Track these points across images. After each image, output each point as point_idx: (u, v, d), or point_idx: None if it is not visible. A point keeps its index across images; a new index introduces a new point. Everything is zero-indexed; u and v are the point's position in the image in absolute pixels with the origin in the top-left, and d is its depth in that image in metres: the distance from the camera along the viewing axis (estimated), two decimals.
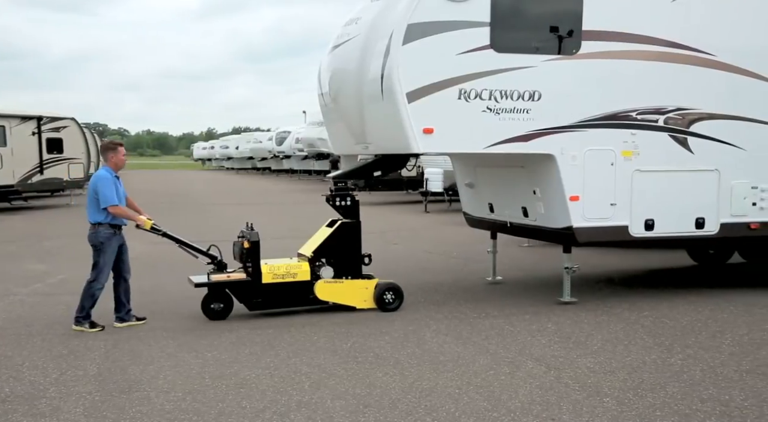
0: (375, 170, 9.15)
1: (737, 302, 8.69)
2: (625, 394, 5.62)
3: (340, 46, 8.67)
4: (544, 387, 5.83)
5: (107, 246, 7.91)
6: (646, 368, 6.28)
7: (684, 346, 6.93)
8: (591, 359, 6.55)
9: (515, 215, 9.04)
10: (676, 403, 5.41)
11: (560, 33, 8.14)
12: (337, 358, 6.71)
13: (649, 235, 8.48)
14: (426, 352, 6.86)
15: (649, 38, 8.28)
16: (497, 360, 6.58)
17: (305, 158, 42.66)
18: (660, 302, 8.73)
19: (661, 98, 8.38)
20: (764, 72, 8.67)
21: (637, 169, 8.35)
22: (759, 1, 8.65)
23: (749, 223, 8.78)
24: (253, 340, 7.37)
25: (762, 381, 5.90)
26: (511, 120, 7.96)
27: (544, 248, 13.21)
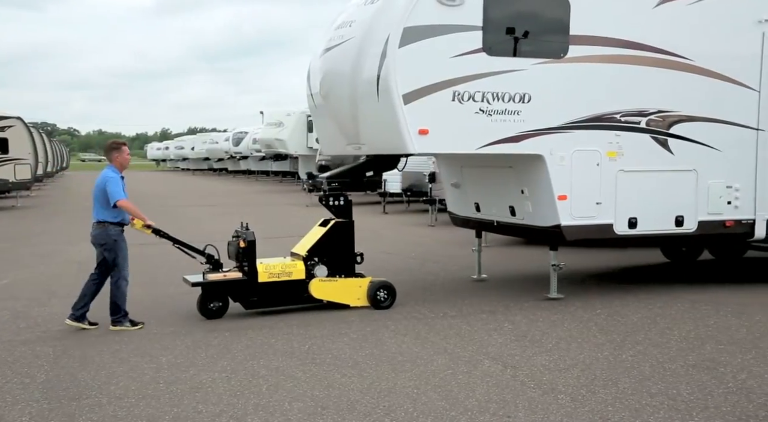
0: (367, 171, 9.32)
1: (684, 300, 8.96)
2: (579, 391, 5.76)
3: (333, 48, 8.82)
4: (501, 385, 5.93)
5: (120, 242, 8.09)
6: (599, 364, 6.44)
7: (634, 343, 7.12)
8: (546, 357, 6.69)
9: (502, 214, 9.30)
10: (627, 398, 5.58)
11: (549, 37, 8.45)
12: (295, 360, 6.71)
13: (633, 233, 8.82)
14: (384, 353, 6.91)
15: (632, 43, 8.62)
16: (455, 359, 6.67)
17: (263, 159, 42.56)
18: (612, 301, 8.97)
19: (643, 101, 8.74)
20: (738, 76, 9.08)
21: (621, 169, 8.68)
22: (734, 9, 9.03)
23: (725, 221, 9.19)
24: (210, 343, 7.33)
25: (707, 374, 6.12)
26: (502, 122, 8.21)
27: (500, 248, 13.49)
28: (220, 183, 45.66)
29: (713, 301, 8.83)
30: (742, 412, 5.22)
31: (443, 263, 11.80)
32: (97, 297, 8.13)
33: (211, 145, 54.17)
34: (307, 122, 34.91)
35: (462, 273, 10.90)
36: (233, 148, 46.59)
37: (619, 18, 8.63)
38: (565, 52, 8.42)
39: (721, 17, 8.98)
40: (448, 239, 15.12)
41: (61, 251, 14.08)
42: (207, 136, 60.68)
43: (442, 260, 12.26)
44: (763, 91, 9.15)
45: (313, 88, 9.50)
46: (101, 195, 8.00)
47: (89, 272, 8.18)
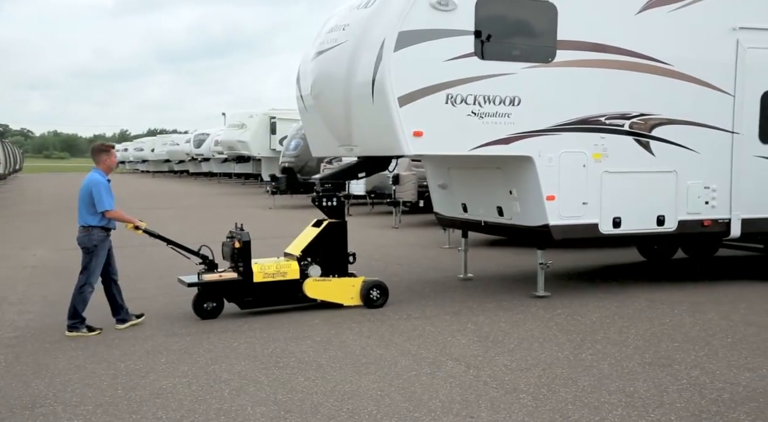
0: (360, 172, 9.47)
1: (641, 299, 9.22)
2: (540, 390, 5.87)
3: (325, 51, 8.96)
4: (464, 385, 6.00)
5: (100, 249, 7.98)
6: (559, 364, 6.56)
7: (593, 342, 7.28)
8: (508, 357, 6.78)
9: (490, 214, 9.54)
10: (586, 396, 5.69)
11: (537, 42, 8.71)
12: (258, 364, 6.68)
13: (617, 232, 9.13)
14: (348, 355, 6.92)
15: (616, 48, 8.93)
16: (418, 360, 6.72)
17: (225, 161, 42.37)
18: (572, 300, 9.16)
19: (626, 104, 9.05)
20: (714, 81, 9.45)
21: (605, 170, 8.98)
22: (710, 17, 9.39)
23: (703, 220, 9.55)
24: (170, 348, 7.24)
25: (662, 371, 6.29)
26: (493, 124, 8.45)
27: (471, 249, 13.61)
28: (181, 186, 45.24)
29: (668, 300, 9.08)
30: (696, 407, 5.41)
31: (407, 265, 11.88)
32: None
33: (172, 147, 53.70)
34: (270, 123, 34.94)
35: (426, 275, 11.02)
36: (194, 150, 46.29)
37: (604, 24, 8.93)
38: (552, 57, 8.69)
39: (699, 25, 9.34)
40: (412, 242, 15.28)
41: (13, 256, 13.71)
42: (167, 137, 60.13)
43: (405, 262, 12.35)
44: (738, 95, 9.54)
45: (303, 91, 9.64)
46: (87, 198, 7.91)
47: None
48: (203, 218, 21.57)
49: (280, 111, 35.89)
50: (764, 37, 9.59)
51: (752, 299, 9.12)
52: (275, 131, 34.44)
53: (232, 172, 44.55)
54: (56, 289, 10.05)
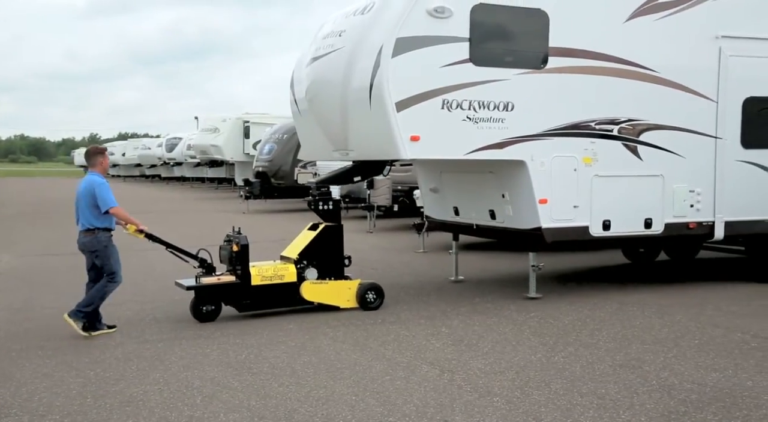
0: (355, 176, 9.61)
1: (612, 301, 9.33)
2: (514, 393, 5.92)
3: (322, 57, 9.09)
4: (438, 389, 6.02)
5: (111, 249, 8.11)
6: (532, 367, 6.62)
7: (566, 344, 7.36)
8: (482, 360, 6.83)
9: (482, 217, 9.72)
10: (559, 399, 5.76)
11: (530, 49, 8.92)
12: (231, 370, 6.63)
13: (607, 234, 9.35)
14: (323, 360, 6.91)
15: (605, 55, 9.16)
16: (393, 365, 6.73)
17: (198, 166, 42.16)
18: (545, 303, 9.27)
19: (615, 110, 9.28)
20: (698, 88, 9.72)
21: (595, 174, 9.20)
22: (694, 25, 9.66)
23: (688, 223, 9.80)
24: (141, 355, 7.18)
25: (633, 373, 6.39)
26: (488, 129, 8.62)
27: (437, 254, 13.77)
28: (152, 190, 44.90)
29: (639, 302, 9.24)
30: (665, 408, 5.51)
31: (381, 269, 11.92)
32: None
33: (144, 151, 53.32)
34: (244, 127, 34.88)
35: (401, 279, 11.07)
36: (167, 154, 46.01)
37: (593, 31, 9.16)
38: (545, 63, 8.90)
39: (683, 33, 9.60)
40: (387, 246, 15.31)
41: None
42: (139, 142, 59.50)
43: (380, 266, 12.38)
44: (721, 101, 9.82)
45: (297, 95, 9.76)
46: (90, 201, 7.97)
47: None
48: (176, 223, 21.32)
49: (254, 115, 35.88)
50: (745, 45, 9.89)
51: (719, 301, 9.31)
52: (249, 136, 34.39)
53: (204, 176, 44.32)
54: (23, 296, 9.98)
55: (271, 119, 33.57)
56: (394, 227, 19.05)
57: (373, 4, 8.69)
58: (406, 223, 16.13)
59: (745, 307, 8.95)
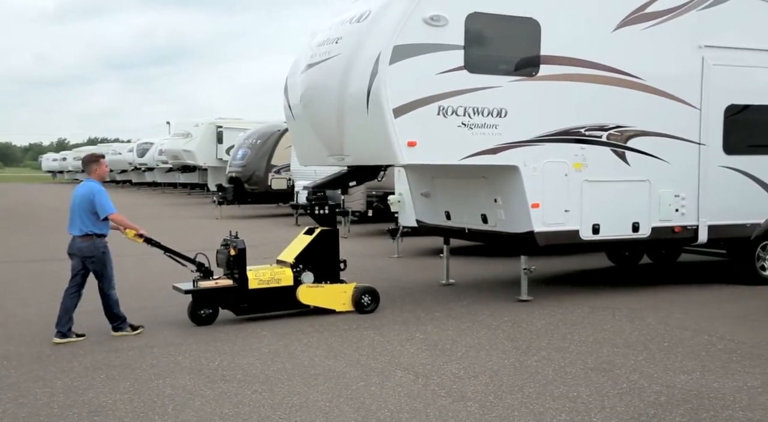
0: (351, 181, 9.72)
1: (584, 306, 9.46)
2: (487, 397, 5.95)
3: (317, 64, 9.20)
4: (412, 395, 6.04)
5: (107, 254, 8.19)
6: (506, 371, 6.67)
7: (538, 348, 7.43)
8: (456, 365, 6.86)
9: (474, 221, 9.89)
10: (531, 403, 5.81)
11: (522, 57, 9.13)
12: (204, 378, 6.56)
13: (596, 238, 9.58)
14: (296, 366, 6.87)
15: (594, 63, 9.40)
16: (367, 371, 6.72)
17: (169, 171, 41.94)
18: (519, 308, 9.36)
19: (604, 117, 9.52)
20: (682, 95, 10.00)
21: (585, 179, 9.43)
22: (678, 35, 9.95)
23: (674, 227, 10.07)
24: (111, 363, 7.07)
25: (604, 376, 6.47)
26: (482, 135, 8.81)
27: (412, 259, 13.93)
28: (124, 196, 44.32)
29: (610, 306, 9.39)
30: (635, 410, 5.60)
31: (356, 274, 11.59)
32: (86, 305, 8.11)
33: (114, 156, 52.59)
34: (217, 132, 34.79)
35: (375, 285, 10.60)
36: (138, 159, 45.67)
37: (583, 40, 9.39)
38: (536, 71, 9.11)
39: (668, 42, 9.88)
40: (361, 251, 15.31)
41: None
42: (109, 147, 58.96)
43: (354, 271, 11.98)
44: (704, 109, 10.12)
45: (291, 101, 9.87)
46: (88, 207, 8.05)
47: None
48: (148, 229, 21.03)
49: (227, 120, 35.81)
50: (727, 54, 10.21)
51: (687, 304, 9.49)
52: (222, 141, 34.31)
53: (177, 182, 44.10)
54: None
55: (244, 124, 33.57)
56: (369, 232, 19.04)
57: (369, 12, 8.83)
58: (381, 228, 16.21)
59: (711, 310, 9.14)
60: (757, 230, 10.62)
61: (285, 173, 25.92)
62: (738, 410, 5.57)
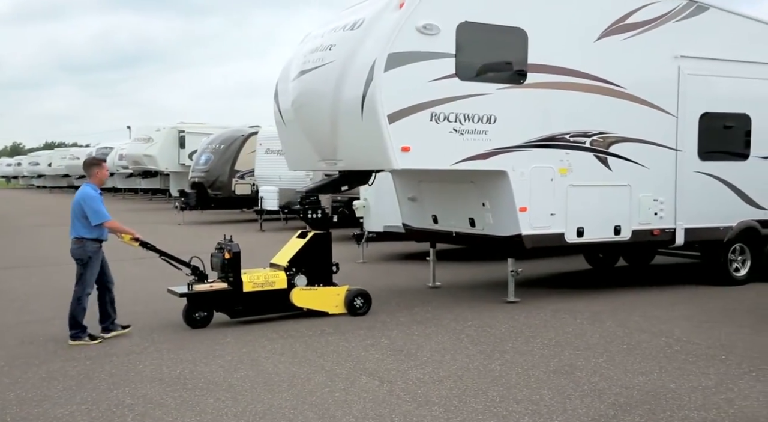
0: (343, 185, 9.88)
1: (546, 309, 9.59)
2: (451, 401, 5.98)
3: (310, 70, 9.35)
4: (377, 400, 6.03)
5: (94, 260, 8.25)
6: (470, 375, 6.71)
7: (502, 352, 7.51)
8: (421, 370, 6.89)
9: (461, 225, 10.12)
10: (495, 406, 5.86)
11: (510, 65, 9.40)
12: (165, 387, 6.46)
13: (580, 241, 9.89)
14: (260, 374, 6.81)
15: (578, 72, 9.72)
16: (332, 376, 6.70)
17: (130, 176, 41.48)
18: (482, 312, 9.43)
19: (587, 123, 9.84)
20: (660, 103, 10.39)
21: (570, 184, 9.73)
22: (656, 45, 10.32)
23: (653, 230, 10.44)
24: (67, 373, 6.90)
25: (565, 379, 6.57)
26: (472, 140, 9.05)
27: (379, 264, 14.05)
28: None
29: (571, 310, 9.55)
30: (596, 412, 5.70)
31: None
32: None
33: (72, 161, 51.80)
34: (179, 137, 34.55)
35: None
36: None
37: (567, 49, 9.70)
38: (524, 79, 9.38)
39: (647, 52, 10.25)
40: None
41: None
42: (66, 151, 57.82)
43: None
44: (680, 116, 10.52)
45: (282, 107, 10.01)
46: (80, 212, 8.17)
47: None
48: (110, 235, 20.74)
49: (190, 125, 35.56)
50: (701, 64, 10.63)
51: (646, 307, 9.71)
52: (184, 145, 34.06)
53: (138, 187, 43.59)
54: None
55: (207, 129, 33.38)
56: (334, 237, 18.52)
57: (363, 20, 9.01)
58: (346, 234, 16.17)
59: (668, 312, 9.37)
60: (730, 233, 11.08)
61: (249, 179, 25.85)
62: (693, 410, 5.73)
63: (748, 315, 9.15)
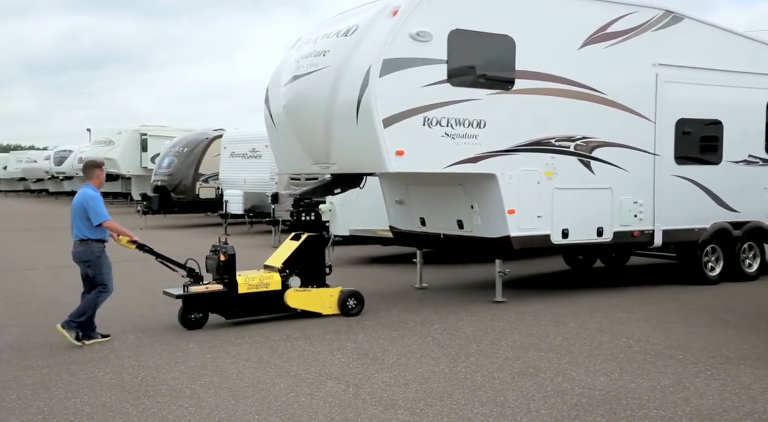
0: (335, 188, 10.05)
1: (511, 311, 9.66)
2: (417, 404, 5.98)
3: (304, 75, 9.51)
4: (343, 404, 6.01)
5: (104, 259, 8.32)
6: (436, 378, 6.72)
7: (467, 355, 7.52)
8: (387, 373, 6.87)
9: (450, 227, 10.35)
10: (461, 409, 5.87)
11: (499, 71, 9.67)
12: (126, 394, 6.31)
13: (565, 242, 10.19)
14: (224, 380, 6.72)
15: (562, 78, 10.04)
16: (298, 381, 6.64)
17: None
18: (448, 315, 9.49)
19: (572, 128, 10.16)
20: (639, 109, 10.77)
21: (556, 187, 10.03)
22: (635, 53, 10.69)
23: (633, 231, 10.80)
24: (23, 382, 6.70)
25: (529, 380, 6.62)
26: (463, 144, 9.30)
27: (342, 268, 13.87)
28: (39, 206, 42.97)
29: (535, 312, 9.63)
30: (558, 413, 5.76)
31: None
32: None
33: (29, 164, 50.88)
34: (141, 140, 34.23)
35: None
36: (55, 167, 44.23)
37: (552, 57, 10.02)
38: (512, 85, 9.67)
39: (626, 59, 10.62)
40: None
41: None
42: (23, 154, 56.71)
43: None
44: (658, 122, 10.92)
45: (273, 111, 10.15)
46: (82, 213, 8.23)
47: None
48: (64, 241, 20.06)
49: (152, 127, 35.26)
50: (677, 72, 11.04)
51: (607, 308, 9.86)
52: (147, 149, 33.73)
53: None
54: None
55: (170, 132, 33.14)
56: None
57: (356, 27, 9.20)
58: None
59: (628, 313, 9.54)
60: (704, 235, 11.50)
61: (213, 182, 25.70)
62: (652, 409, 5.84)
63: (703, 316, 9.38)
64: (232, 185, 22.83)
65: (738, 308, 9.86)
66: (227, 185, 23.21)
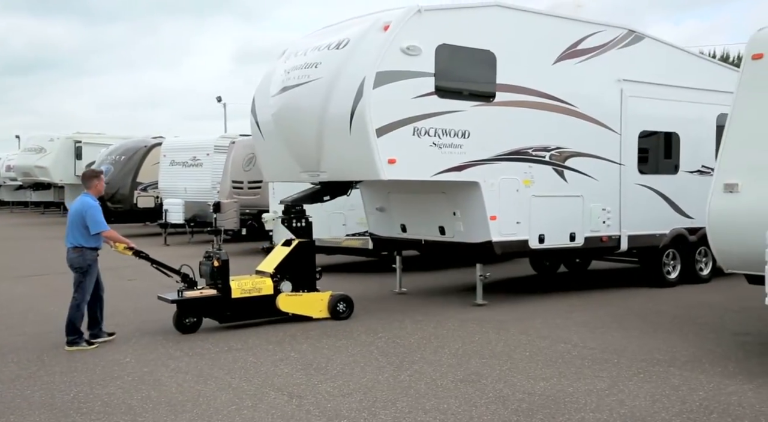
0: (324, 195, 10.30)
1: (455, 319, 9.78)
2: (361, 414, 5.97)
3: (295, 87, 9.76)
4: (286, 416, 5.95)
5: (93, 268, 8.51)
6: (380, 387, 6.73)
7: (411, 363, 7.58)
8: (330, 383, 6.85)
9: (431, 233, 10.74)
10: (404, 417, 5.91)
11: (482, 84, 10.13)
12: (57, 412, 6.10)
13: (542, 247, 10.70)
14: (163, 394, 6.58)
15: (538, 92, 10.57)
16: (239, 394, 6.57)
17: (19, 188, 39.86)
18: (392, 323, 9.54)
19: (547, 139, 10.69)
20: (607, 122, 11.39)
21: (533, 194, 10.54)
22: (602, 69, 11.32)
23: (601, 236, 11.40)
24: None
25: (472, 387, 6.71)
26: (450, 154, 9.71)
27: None
28: None
29: (478, 319, 9.76)
30: (500, 419, 5.86)
31: None
32: None
33: None
34: (75, 147, 33.54)
35: None
36: None
37: (530, 71, 10.54)
38: (493, 97, 10.14)
39: (595, 75, 11.24)
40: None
41: None
42: None
43: None
44: (623, 133, 11.58)
45: (261, 120, 10.36)
46: (80, 221, 8.38)
47: None
48: None
49: (87, 135, 34.57)
50: (640, 87, 11.71)
51: (546, 314, 10.09)
52: (81, 156, 33.06)
53: (28, 200, 41.91)
54: None
55: (106, 139, 32.61)
56: (243, 251, 18.29)
57: (347, 40, 9.51)
58: (255, 247, 15.90)
59: (566, 319, 9.77)
60: (664, 240, 12.20)
61: (152, 191, 25.42)
62: (589, 412, 6.00)
63: (636, 320, 9.69)
64: (172, 194, 22.59)
65: (669, 312, 10.23)
66: (167, 194, 22.92)
